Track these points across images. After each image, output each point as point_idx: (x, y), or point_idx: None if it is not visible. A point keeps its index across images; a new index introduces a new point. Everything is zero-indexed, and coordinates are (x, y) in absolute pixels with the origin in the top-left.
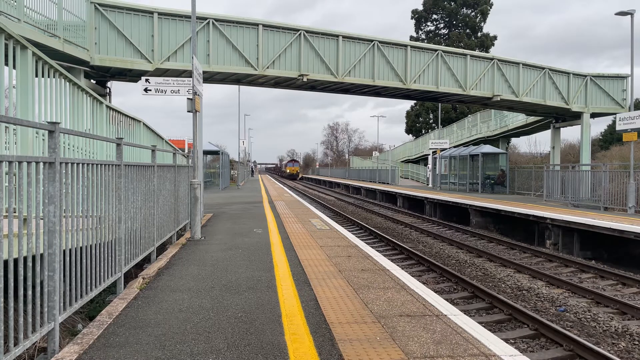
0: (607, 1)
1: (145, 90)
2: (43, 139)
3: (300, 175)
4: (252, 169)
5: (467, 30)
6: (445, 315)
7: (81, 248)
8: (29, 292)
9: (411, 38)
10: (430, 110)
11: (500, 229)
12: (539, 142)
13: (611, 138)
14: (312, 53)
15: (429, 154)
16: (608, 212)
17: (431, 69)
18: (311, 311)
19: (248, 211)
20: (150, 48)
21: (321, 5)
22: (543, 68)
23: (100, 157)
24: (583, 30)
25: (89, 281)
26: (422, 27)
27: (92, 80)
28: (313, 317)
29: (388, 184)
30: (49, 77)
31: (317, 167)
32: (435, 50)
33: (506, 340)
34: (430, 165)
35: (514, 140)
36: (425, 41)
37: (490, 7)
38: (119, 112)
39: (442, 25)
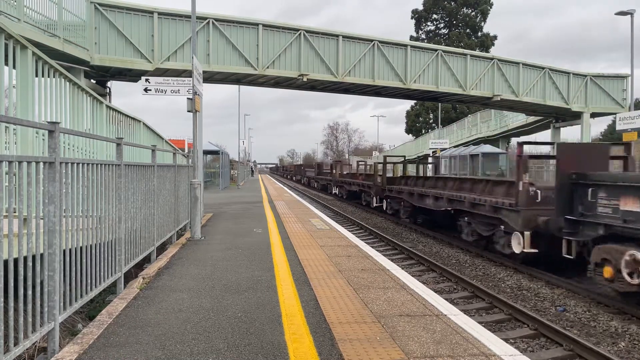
0: (604, 4)
1: (145, 90)
2: (43, 139)
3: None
4: (252, 168)
5: (467, 30)
6: (445, 315)
7: (81, 248)
8: (29, 292)
9: (411, 38)
10: (430, 110)
11: None
12: None
13: (611, 138)
14: (312, 53)
15: (429, 154)
16: None
17: (431, 69)
18: (311, 311)
19: (248, 211)
20: (150, 48)
21: (325, 11)
22: (543, 68)
23: (100, 157)
24: (580, 33)
25: (89, 281)
26: (422, 27)
27: (92, 80)
28: (313, 317)
29: None
30: (49, 77)
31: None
32: (435, 50)
33: (506, 340)
34: (430, 165)
35: (514, 140)
36: (425, 41)
37: (491, 7)
38: (119, 112)
39: (442, 25)
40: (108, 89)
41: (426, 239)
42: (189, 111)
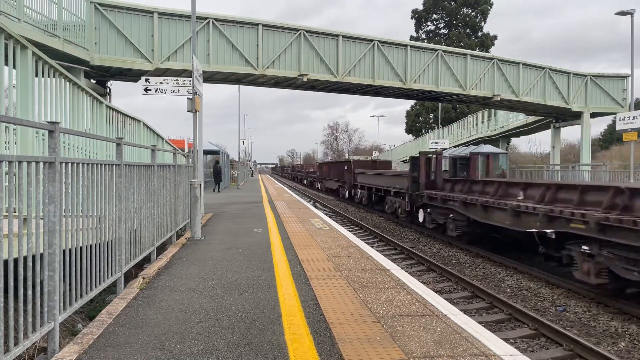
0: (604, 4)
1: (145, 90)
2: (43, 139)
3: None
4: (252, 168)
5: (467, 30)
6: (445, 315)
7: (81, 248)
8: (29, 292)
9: (411, 38)
10: (430, 110)
11: None
12: (539, 142)
13: (611, 138)
14: (312, 53)
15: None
16: None
17: (431, 69)
18: (311, 311)
19: (248, 211)
20: (150, 48)
21: (326, 11)
22: (543, 68)
23: (100, 157)
24: (580, 33)
25: (89, 281)
26: (422, 27)
27: (92, 80)
28: (313, 316)
29: None
30: (49, 77)
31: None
32: (435, 50)
33: (506, 340)
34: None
35: (514, 140)
36: (426, 41)
37: (491, 7)
38: (118, 112)
39: (442, 25)
40: (108, 89)
41: (426, 239)
42: (189, 111)
